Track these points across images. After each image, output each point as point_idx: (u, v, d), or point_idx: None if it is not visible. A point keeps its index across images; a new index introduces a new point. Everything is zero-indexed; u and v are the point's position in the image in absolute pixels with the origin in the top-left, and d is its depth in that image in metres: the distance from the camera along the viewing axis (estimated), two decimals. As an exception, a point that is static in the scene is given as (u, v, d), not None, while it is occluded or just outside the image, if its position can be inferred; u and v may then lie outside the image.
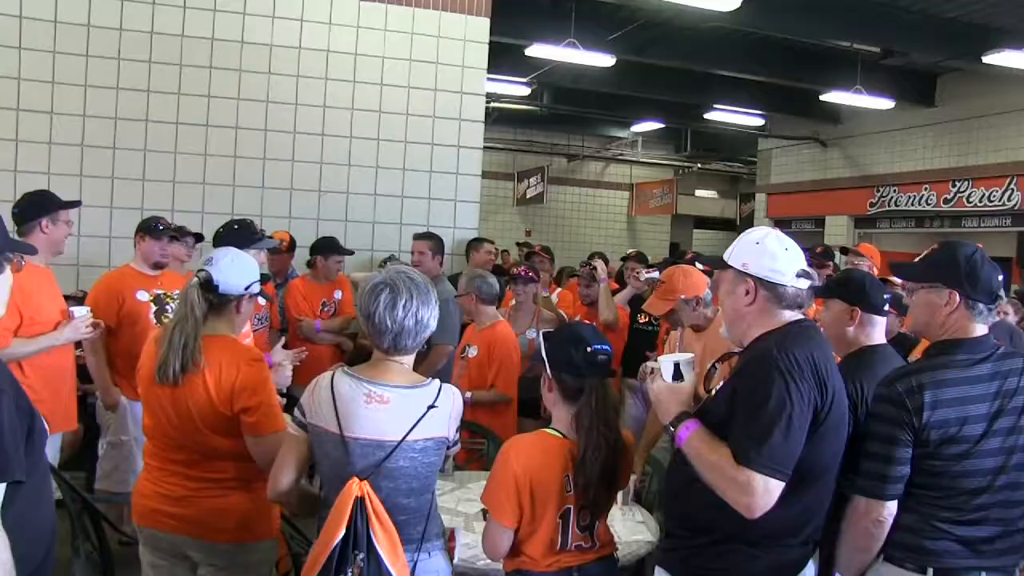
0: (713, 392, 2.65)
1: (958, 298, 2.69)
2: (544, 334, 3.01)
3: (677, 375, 2.68)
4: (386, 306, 2.61)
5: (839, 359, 3.39)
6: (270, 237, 5.44)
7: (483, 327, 5.37)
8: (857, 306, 3.23)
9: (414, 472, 2.62)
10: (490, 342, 5.33)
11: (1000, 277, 2.76)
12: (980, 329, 2.72)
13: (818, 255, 6.87)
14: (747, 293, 2.60)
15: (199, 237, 5.75)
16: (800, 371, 2.40)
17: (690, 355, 2.78)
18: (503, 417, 5.28)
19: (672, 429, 2.55)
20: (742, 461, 2.34)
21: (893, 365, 2.99)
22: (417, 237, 6.49)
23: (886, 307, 3.29)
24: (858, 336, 3.25)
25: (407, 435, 2.57)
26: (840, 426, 2.54)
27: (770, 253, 2.57)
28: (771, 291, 2.57)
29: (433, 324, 2.70)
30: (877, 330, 3.28)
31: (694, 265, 5.27)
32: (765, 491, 2.32)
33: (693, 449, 2.48)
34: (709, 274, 4.55)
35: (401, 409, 2.59)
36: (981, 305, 2.70)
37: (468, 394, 5.11)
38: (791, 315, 2.59)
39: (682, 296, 4.49)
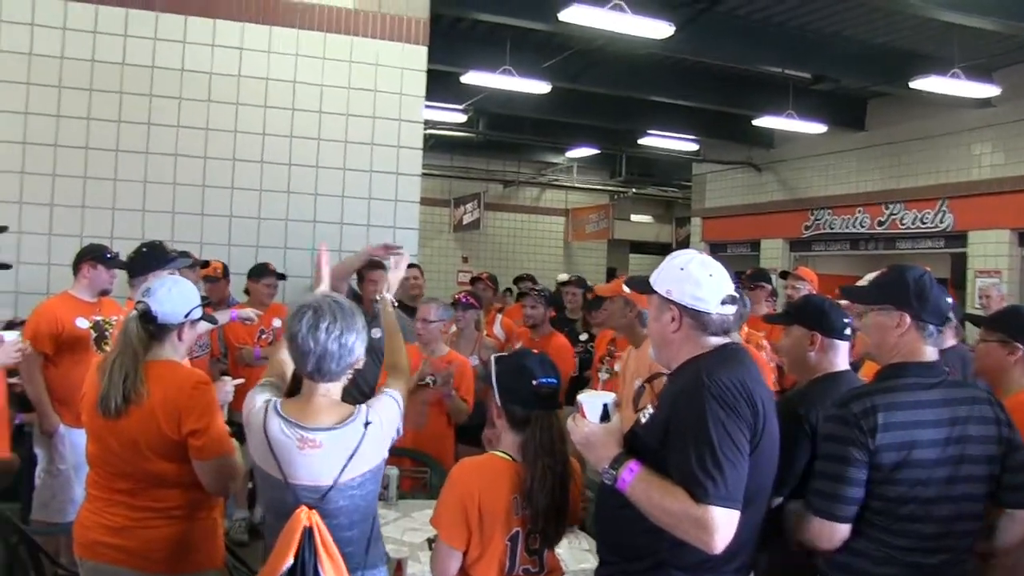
0: (641, 417, 2.62)
1: (908, 320, 2.70)
2: (495, 359, 3.02)
3: (604, 416, 2.62)
4: (308, 327, 2.65)
5: (782, 385, 3.45)
6: (184, 255, 5.46)
7: (440, 355, 5.43)
8: (817, 331, 3.21)
9: (354, 507, 2.68)
10: (462, 372, 5.39)
11: (948, 300, 2.77)
12: (931, 352, 2.73)
13: (748, 278, 6.97)
14: (672, 320, 2.57)
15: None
16: (734, 398, 2.37)
17: (613, 395, 2.74)
18: (442, 445, 5.33)
19: (613, 472, 2.47)
20: (701, 498, 2.29)
21: None
22: (377, 267, 6.61)
23: (847, 331, 3.26)
24: (820, 362, 3.22)
25: (339, 478, 2.62)
26: (772, 452, 2.53)
27: (694, 280, 2.54)
28: (696, 319, 2.54)
29: (359, 351, 2.73)
30: (839, 356, 3.25)
31: (622, 288, 5.40)
32: (726, 524, 2.29)
33: (640, 492, 2.41)
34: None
35: (333, 452, 2.63)
36: (931, 327, 2.71)
37: (453, 392, 5.23)
38: (718, 340, 2.57)
39: (627, 292, 4.36)
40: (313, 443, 2.62)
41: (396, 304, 3.54)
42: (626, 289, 4.14)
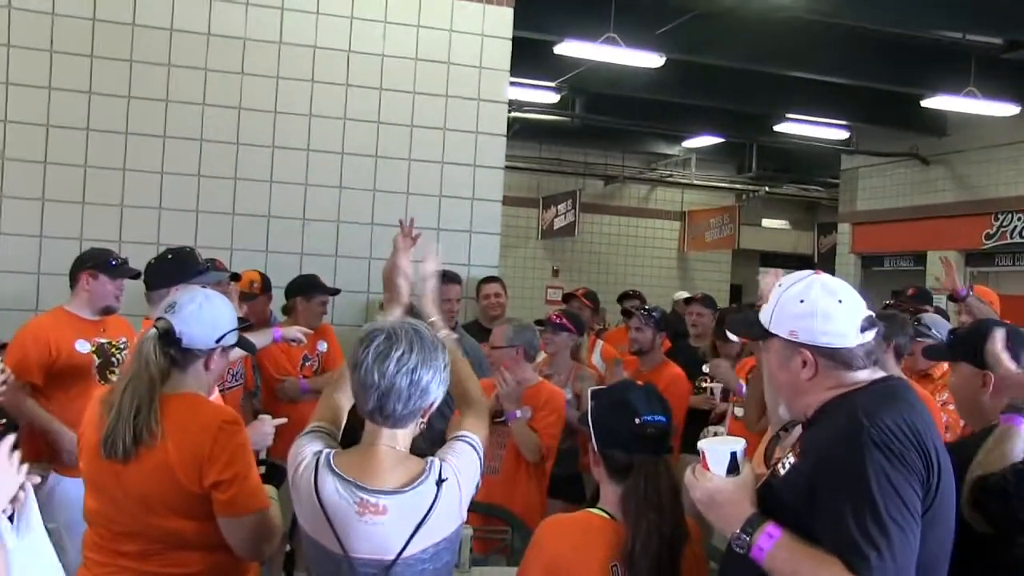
0: (780, 467, 2.57)
1: None
2: (592, 392, 3.02)
3: (733, 467, 2.57)
4: (376, 356, 2.61)
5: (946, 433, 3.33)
6: (220, 268, 5.43)
7: (528, 386, 5.38)
8: (989, 369, 3.15)
9: None
10: (545, 403, 5.34)
11: None
12: None
13: (910, 299, 6.84)
14: (805, 365, 2.52)
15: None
16: (902, 445, 2.30)
17: (744, 441, 2.70)
18: (525, 497, 5.28)
19: (746, 536, 2.41)
20: (862, 571, 2.22)
21: None
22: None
23: None
24: (997, 407, 3.12)
25: (403, 550, 2.59)
26: (949, 512, 2.46)
27: (822, 313, 2.48)
28: (834, 358, 2.49)
29: (434, 393, 2.69)
30: None
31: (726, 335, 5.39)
32: None
33: (782, 563, 2.36)
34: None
35: (399, 519, 2.60)
36: None
37: (519, 412, 5.15)
38: (868, 374, 2.52)
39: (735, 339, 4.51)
40: (375, 508, 2.58)
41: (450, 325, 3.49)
42: (733, 338, 4.11)
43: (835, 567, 2.25)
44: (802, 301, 2.50)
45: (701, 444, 2.63)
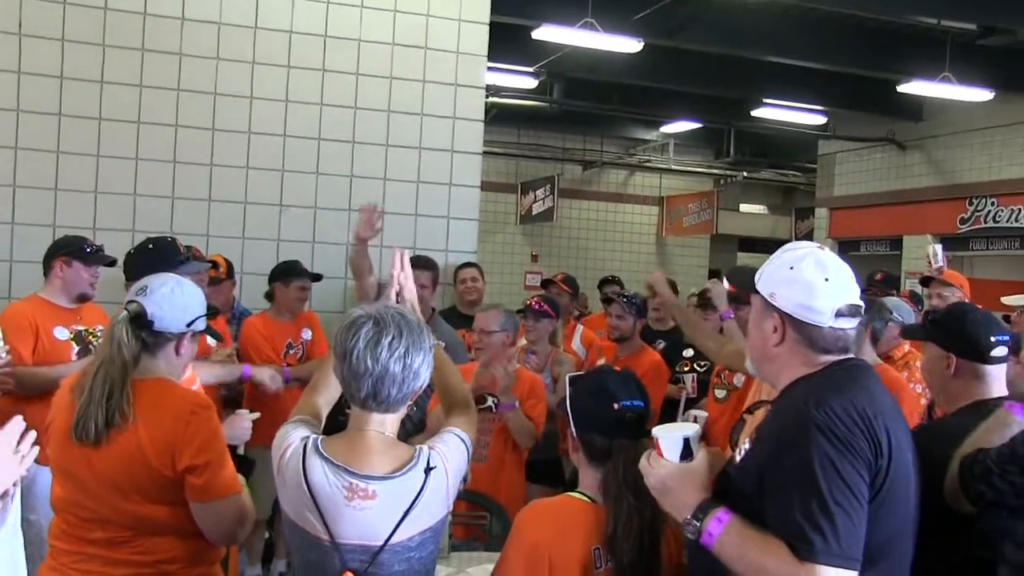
0: (736, 454, 2.58)
1: None
2: (571, 379, 3.02)
3: (686, 453, 2.58)
4: (367, 342, 2.58)
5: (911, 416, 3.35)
6: (198, 256, 5.37)
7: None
8: (952, 352, 3.17)
9: (411, 572, 2.64)
10: (530, 391, 5.37)
11: None
12: None
13: (878, 283, 6.88)
14: (775, 330, 2.54)
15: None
16: (848, 430, 2.31)
17: (697, 427, 2.71)
18: (508, 483, 5.29)
19: (697, 523, 2.42)
20: (806, 555, 2.24)
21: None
22: (414, 265, 6.52)
23: (997, 352, 3.13)
24: (964, 389, 3.16)
25: (391, 536, 2.57)
26: (905, 495, 2.47)
27: (804, 284, 2.47)
28: (801, 332, 2.50)
29: (424, 377, 2.68)
30: (987, 382, 3.16)
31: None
32: None
33: (730, 548, 2.37)
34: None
35: (390, 504, 2.58)
36: None
37: (516, 402, 5.17)
38: (832, 357, 2.52)
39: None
40: (365, 493, 2.56)
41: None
42: (726, 284, 4.13)
43: (781, 551, 2.27)
44: (791, 268, 2.51)
45: (655, 431, 2.64)
